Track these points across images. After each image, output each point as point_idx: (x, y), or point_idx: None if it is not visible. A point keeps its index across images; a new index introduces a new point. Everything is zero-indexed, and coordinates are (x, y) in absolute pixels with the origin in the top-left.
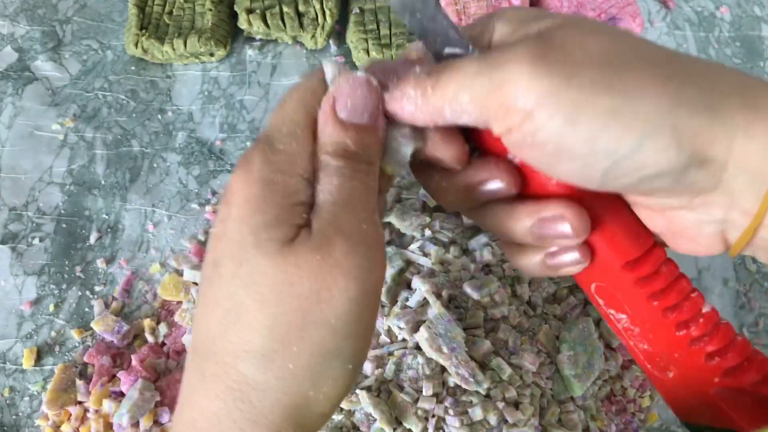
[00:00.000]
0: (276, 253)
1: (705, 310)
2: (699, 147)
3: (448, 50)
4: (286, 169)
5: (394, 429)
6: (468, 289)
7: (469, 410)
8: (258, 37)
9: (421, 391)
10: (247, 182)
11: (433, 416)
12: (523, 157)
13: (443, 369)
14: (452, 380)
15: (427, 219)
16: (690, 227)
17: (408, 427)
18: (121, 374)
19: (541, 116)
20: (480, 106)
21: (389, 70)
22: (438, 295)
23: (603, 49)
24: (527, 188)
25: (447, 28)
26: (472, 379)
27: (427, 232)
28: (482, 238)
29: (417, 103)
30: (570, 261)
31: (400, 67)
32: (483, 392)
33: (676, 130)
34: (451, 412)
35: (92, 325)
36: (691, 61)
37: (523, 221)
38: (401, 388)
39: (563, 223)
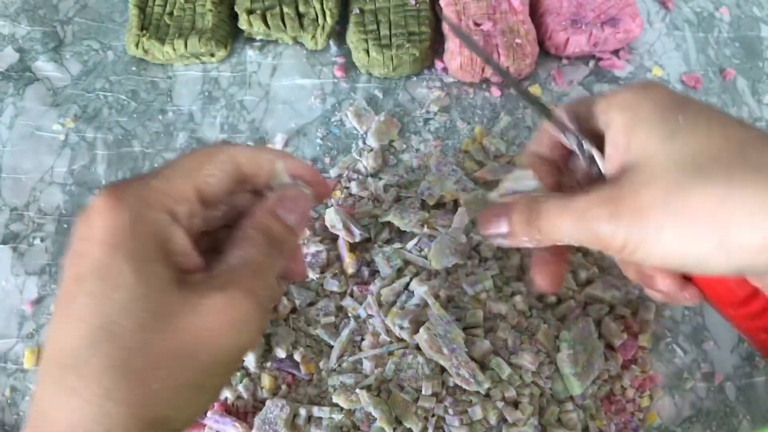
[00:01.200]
0: (163, 289)
1: None
2: (746, 256)
3: (567, 137)
4: (153, 204)
5: (394, 428)
6: (463, 285)
7: (469, 410)
8: (258, 37)
9: (421, 391)
10: (116, 209)
11: (433, 416)
12: None
13: (443, 369)
14: (452, 380)
15: (426, 215)
16: None
17: (408, 426)
18: None
19: (628, 251)
20: (583, 244)
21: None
22: (436, 296)
23: (667, 189)
24: None
25: (563, 129)
26: (472, 380)
27: (426, 229)
28: (478, 236)
29: (533, 242)
30: (683, 298)
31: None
32: (483, 392)
33: (724, 247)
34: (450, 411)
35: None
36: (753, 159)
37: (632, 272)
38: (401, 388)
39: (657, 284)
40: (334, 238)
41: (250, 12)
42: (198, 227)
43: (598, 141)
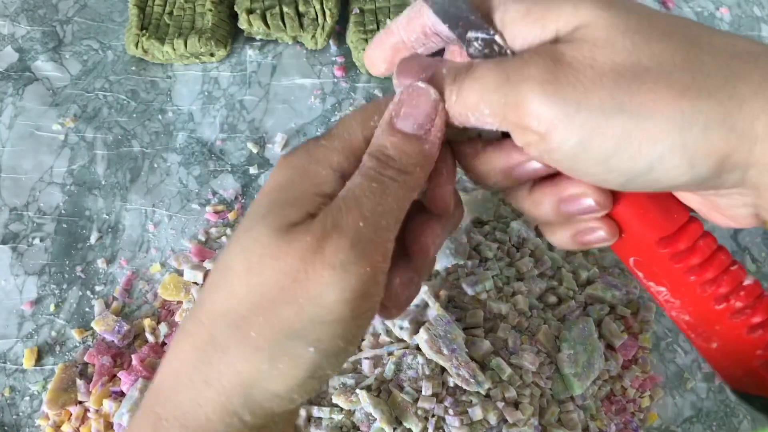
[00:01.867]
0: (277, 228)
1: (746, 282)
2: (714, 162)
3: (471, 34)
4: (321, 160)
5: (394, 429)
6: (463, 285)
7: (469, 410)
8: (258, 37)
9: (421, 391)
10: (283, 167)
11: (433, 416)
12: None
13: (443, 369)
14: (452, 380)
15: None
16: (723, 207)
17: (408, 426)
18: (121, 374)
19: (554, 139)
20: (499, 120)
21: (425, 65)
22: (436, 296)
23: (615, 64)
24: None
25: (468, 12)
26: (473, 380)
27: None
28: (478, 236)
29: (446, 106)
30: (597, 238)
31: (435, 64)
32: (483, 392)
33: (687, 149)
34: (450, 411)
35: (93, 324)
36: (713, 54)
37: (548, 199)
38: (401, 388)
39: (586, 199)
40: None
41: (250, 12)
42: None
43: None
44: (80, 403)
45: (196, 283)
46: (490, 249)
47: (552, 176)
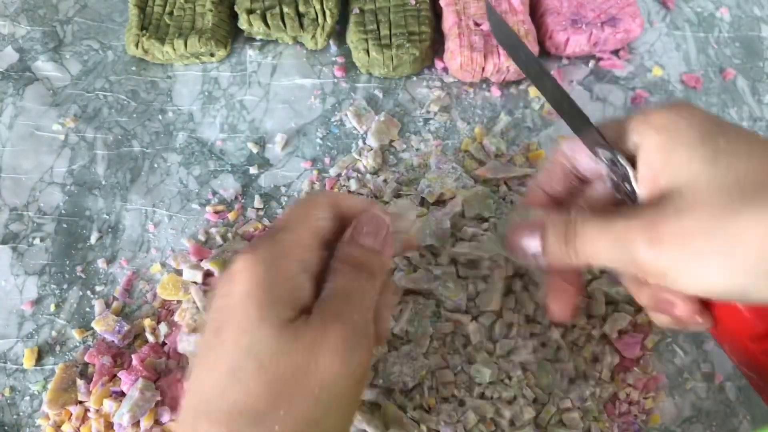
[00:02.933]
0: (279, 327)
1: None
2: None
3: (599, 150)
4: (288, 254)
5: None
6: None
7: (461, 417)
8: (258, 37)
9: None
10: (253, 263)
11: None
12: None
13: (433, 372)
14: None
15: (425, 211)
16: None
17: None
18: (121, 374)
19: (666, 280)
20: (619, 268)
21: (531, 228)
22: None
23: (713, 214)
24: None
25: (598, 139)
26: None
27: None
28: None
29: (568, 262)
30: (694, 323)
31: (538, 226)
32: (481, 391)
33: None
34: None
35: (93, 324)
36: None
37: (645, 296)
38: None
39: (674, 309)
40: None
41: (250, 12)
42: (317, 268)
43: (630, 162)
44: (80, 403)
45: (195, 282)
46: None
47: None
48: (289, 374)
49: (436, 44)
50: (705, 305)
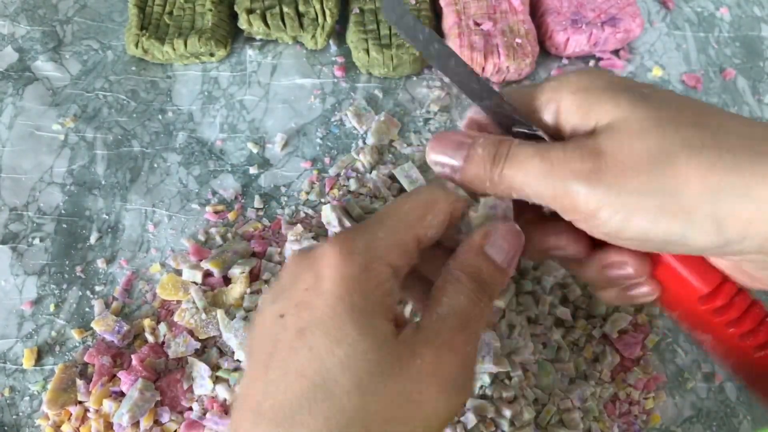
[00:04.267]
0: (380, 344)
1: None
2: (740, 228)
3: (516, 129)
4: (382, 257)
5: None
6: None
7: (462, 418)
8: (258, 37)
9: None
10: (347, 261)
11: None
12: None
13: None
14: None
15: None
16: (750, 271)
17: None
18: (121, 374)
19: (600, 218)
20: (545, 202)
21: (458, 143)
22: None
23: (650, 151)
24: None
25: (512, 112)
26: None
27: None
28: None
29: (486, 184)
30: (640, 294)
31: (467, 143)
32: (481, 391)
33: (715, 218)
34: None
35: (92, 325)
36: (737, 135)
37: (592, 268)
38: None
39: (626, 266)
40: (327, 235)
41: (249, 12)
42: (406, 272)
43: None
44: (80, 403)
45: (195, 282)
46: None
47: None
48: (389, 400)
49: None
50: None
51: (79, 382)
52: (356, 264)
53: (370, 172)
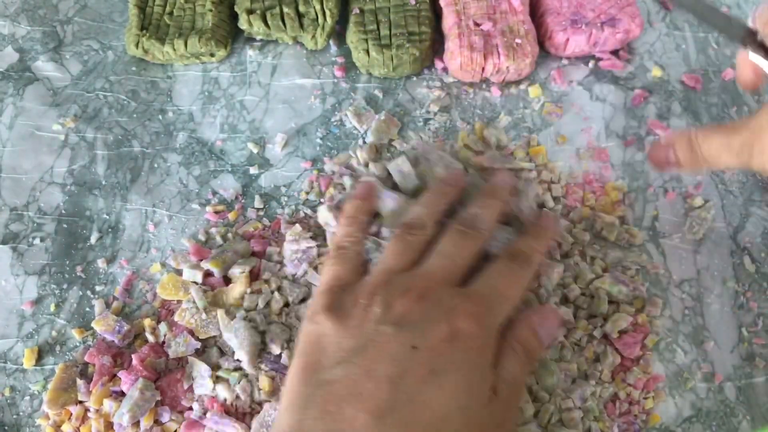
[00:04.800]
0: (488, 401)
1: None
2: None
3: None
4: (498, 323)
5: None
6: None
7: None
8: (258, 37)
9: None
10: (480, 332)
11: None
12: None
13: None
14: None
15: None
16: None
17: None
18: (121, 374)
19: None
20: (733, 167)
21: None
22: None
23: None
24: None
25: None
26: None
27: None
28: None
29: (688, 164)
30: None
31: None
32: None
33: None
34: None
35: (93, 324)
36: None
37: None
38: None
39: None
40: (325, 235)
41: (250, 12)
42: None
43: None
44: (80, 402)
45: (195, 282)
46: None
47: None
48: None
49: (436, 44)
50: None
51: (80, 382)
52: (482, 336)
53: (366, 167)
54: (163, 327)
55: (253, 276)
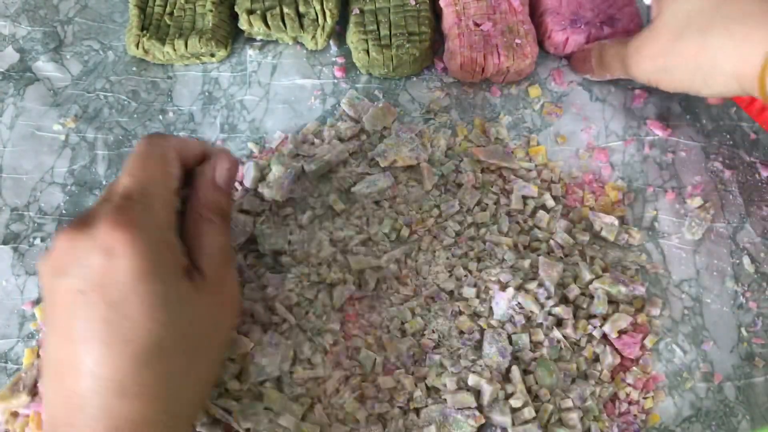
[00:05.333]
0: (191, 294)
1: None
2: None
3: None
4: (162, 223)
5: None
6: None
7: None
8: (258, 37)
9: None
10: (135, 237)
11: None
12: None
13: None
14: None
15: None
16: None
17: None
18: None
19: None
20: (622, 76)
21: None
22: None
23: (671, 33)
24: None
25: None
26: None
27: None
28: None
29: (599, 73)
30: None
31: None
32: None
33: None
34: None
35: None
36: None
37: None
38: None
39: None
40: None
41: (250, 12)
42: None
43: None
44: None
45: None
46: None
47: None
48: (203, 332)
49: (436, 44)
50: None
51: None
52: (147, 241)
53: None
54: None
55: None
